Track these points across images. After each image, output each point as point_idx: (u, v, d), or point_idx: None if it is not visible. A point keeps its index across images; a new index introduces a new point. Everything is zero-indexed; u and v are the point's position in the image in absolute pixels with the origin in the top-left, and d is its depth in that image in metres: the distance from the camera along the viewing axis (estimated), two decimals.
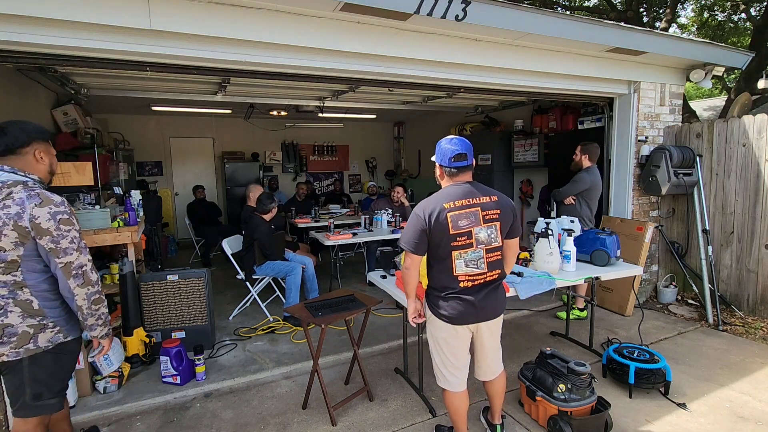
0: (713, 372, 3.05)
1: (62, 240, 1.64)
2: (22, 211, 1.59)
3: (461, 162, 1.99)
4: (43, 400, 1.74)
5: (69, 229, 1.66)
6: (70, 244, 1.66)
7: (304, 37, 2.75)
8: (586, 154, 3.97)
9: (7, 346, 1.65)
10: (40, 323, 1.70)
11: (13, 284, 1.65)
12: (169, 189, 8.27)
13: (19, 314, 1.66)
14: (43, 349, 1.71)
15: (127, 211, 3.29)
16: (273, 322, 4.07)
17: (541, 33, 3.17)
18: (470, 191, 1.97)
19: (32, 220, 1.59)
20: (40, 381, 1.73)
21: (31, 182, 1.68)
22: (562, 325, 3.81)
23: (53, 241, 1.63)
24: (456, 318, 2.00)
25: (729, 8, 9.80)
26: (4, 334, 1.64)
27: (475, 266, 1.96)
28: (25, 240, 1.61)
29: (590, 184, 3.91)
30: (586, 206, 3.96)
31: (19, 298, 1.66)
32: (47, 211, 1.62)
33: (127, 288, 3.11)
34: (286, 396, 2.84)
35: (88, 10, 2.22)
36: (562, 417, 2.30)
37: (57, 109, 4.45)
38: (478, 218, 1.94)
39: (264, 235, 4.17)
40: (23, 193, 1.61)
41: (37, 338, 1.69)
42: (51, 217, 1.62)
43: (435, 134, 8.42)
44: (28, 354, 1.68)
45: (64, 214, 1.66)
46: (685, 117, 6.43)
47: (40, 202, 1.61)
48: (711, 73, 4.31)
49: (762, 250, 3.90)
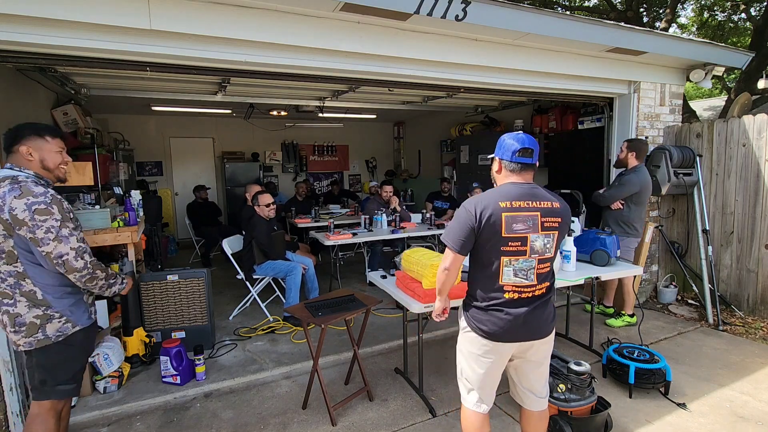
0: (713, 372, 3.05)
1: (37, 230, 1.67)
2: (2, 204, 1.65)
3: (526, 158, 1.76)
4: (48, 387, 1.82)
5: (45, 219, 1.68)
6: (45, 234, 1.68)
7: (304, 37, 2.75)
8: (634, 151, 3.67)
9: (20, 335, 1.75)
10: (45, 313, 1.76)
11: (17, 275, 1.72)
12: (169, 189, 8.26)
13: (25, 304, 1.74)
14: (53, 340, 1.78)
15: (127, 211, 3.28)
16: (273, 322, 4.06)
17: (541, 33, 3.17)
18: (531, 193, 1.75)
19: (11, 211, 1.65)
20: (44, 368, 1.81)
21: (22, 176, 1.73)
22: (562, 325, 3.81)
23: (30, 231, 1.67)
24: (499, 334, 1.76)
25: (729, 8, 9.81)
26: (15, 323, 1.74)
27: (524, 277, 1.73)
28: (10, 232, 1.68)
29: (640, 186, 3.60)
30: (636, 209, 3.67)
31: (24, 289, 1.74)
32: (24, 202, 1.66)
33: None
34: (286, 396, 2.84)
35: (89, 10, 2.22)
36: (562, 417, 2.30)
37: (57, 109, 4.45)
38: (537, 224, 1.71)
39: (263, 235, 4.17)
40: (7, 187, 1.67)
41: (46, 328, 1.77)
42: (27, 207, 1.66)
43: (435, 134, 8.47)
44: (39, 345, 1.77)
45: (41, 204, 1.68)
46: (685, 117, 6.43)
47: (19, 194, 1.66)
48: (711, 73, 4.31)
49: (762, 250, 3.89)
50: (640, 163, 3.71)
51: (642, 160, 3.74)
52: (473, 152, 6.80)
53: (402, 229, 5.00)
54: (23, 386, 2.46)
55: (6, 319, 1.75)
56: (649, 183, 3.72)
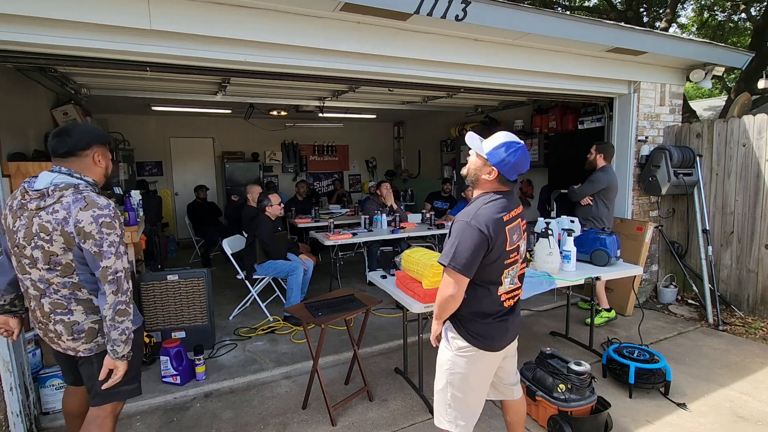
0: (713, 372, 3.05)
1: (104, 243, 1.61)
2: (68, 216, 1.59)
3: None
4: (113, 389, 1.78)
5: (110, 233, 1.63)
6: (109, 247, 1.62)
7: (304, 37, 2.75)
8: (602, 153, 3.94)
9: (79, 342, 1.72)
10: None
11: (72, 285, 1.68)
12: (169, 189, 8.27)
13: (82, 312, 1.70)
14: None
15: (127, 211, 3.29)
16: (273, 322, 4.06)
17: (541, 33, 3.17)
18: (515, 200, 1.75)
19: (77, 224, 1.59)
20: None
21: (83, 185, 1.67)
22: (562, 325, 3.81)
23: (96, 245, 1.60)
24: (503, 342, 1.76)
25: (729, 8, 9.81)
26: (73, 331, 1.70)
27: (512, 282, 1.76)
28: (71, 246, 1.61)
29: (607, 183, 3.86)
30: (603, 206, 3.90)
31: (80, 297, 1.70)
32: (90, 214, 1.60)
33: None
34: (286, 396, 2.84)
35: (89, 10, 2.22)
36: (562, 417, 2.30)
37: (57, 109, 4.44)
38: (521, 230, 1.74)
39: (266, 234, 4.18)
40: (71, 197, 1.61)
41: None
42: (94, 220, 1.60)
43: (435, 134, 8.47)
44: (100, 350, 1.74)
45: (107, 217, 1.62)
46: (685, 117, 6.43)
47: (85, 206, 1.60)
48: (711, 73, 4.31)
49: (762, 250, 3.89)
50: (607, 164, 3.96)
51: (609, 161, 4.00)
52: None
53: (402, 229, 5.00)
54: (23, 386, 2.46)
55: (61, 328, 1.70)
56: (616, 182, 3.96)
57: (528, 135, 6.03)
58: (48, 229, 1.59)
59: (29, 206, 1.61)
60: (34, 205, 1.60)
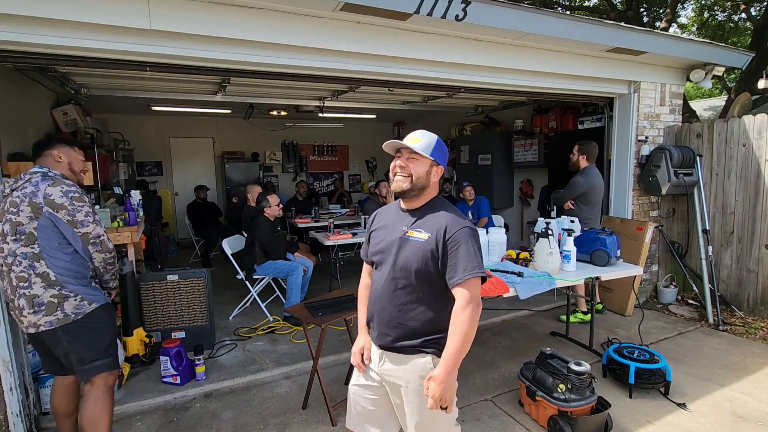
0: (713, 372, 3.05)
1: (77, 213, 1.92)
2: (36, 191, 1.87)
3: None
4: (87, 364, 1.94)
5: (82, 205, 1.94)
6: (85, 216, 1.94)
7: (304, 37, 2.75)
8: (584, 154, 3.89)
9: (39, 315, 1.87)
10: (61, 293, 1.90)
11: (32, 256, 1.87)
12: (169, 189, 8.26)
13: (41, 285, 1.88)
14: (72, 318, 1.89)
15: (127, 211, 3.29)
16: (273, 322, 4.06)
17: (541, 33, 3.17)
18: None
19: (46, 197, 1.87)
20: (76, 346, 1.92)
21: (52, 173, 1.97)
22: (562, 325, 3.81)
23: (69, 214, 1.90)
24: None
25: (729, 8, 9.81)
26: (34, 304, 1.87)
27: None
28: (38, 214, 1.87)
29: (585, 187, 3.81)
30: (587, 209, 3.87)
31: (38, 271, 1.88)
32: (59, 189, 1.90)
33: (126, 288, 3.10)
34: (286, 396, 2.84)
35: (89, 10, 2.22)
36: (562, 417, 2.30)
37: (57, 109, 4.44)
38: None
39: (265, 235, 4.18)
40: (39, 177, 1.92)
41: (64, 307, 1.90)
42: (63, 194, 1.90)
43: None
44: (60, 324, 1.87)
45: (75, 193, 1.93)
46: (685, 117, 6.43)
47: (52, 183, 1.90)
48: (711, 73, 4.31)
49: (762, 250, 3.89)
50: (590, 165, 3.90)
51: (592, 162, 3.92)
52: (473, 152, 6.80)
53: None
54: (23, 386, 2.46)
55: (23, 302, 1.86)
56: (596, 184, 3.87)
57: (528, 135, 6.03)
58: (16, 203, 1.87)
59: (6, 191, 1.95)
60: (8, 189, 1.93)
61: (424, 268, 1.47)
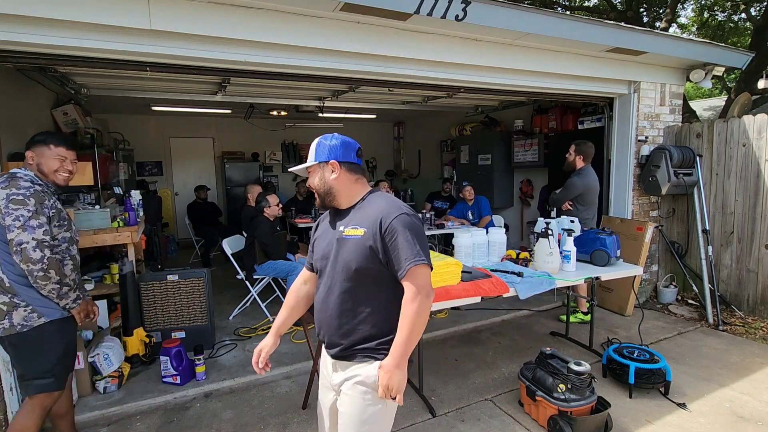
0: (713, 372, 3.05)
1: (7, 217, 1.76)
2: None
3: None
4: (26, 381, 1.85)
5: (17, 208, 1.77)
6: (13, 221, 1.76)
7: (304, 37, 2.75)
8: (581, 154, 3.87)
9: None
10: (12, 301, 1.82)
11: None
12: (169, 189, 8.27)
13: None
14: (17, 329, 1.80)
15: (127, 211, 3.29)
16: (273, 322, 4.06)
17: (541, 33, 3.17)
18: None
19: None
20: (18, 360, 1.86)
21: (21, 173, 1.88)
22: (562, 325, 3.81)
23: (2, 218, 1.77)
24: None
25: (729, 8, 9.81)
26: None
27: None
28: None
29: (582, 188, 3.80)
30: (584, 209, 3.87)
31: None
32: (6, 192, 1.78)
33: (127, 288, 3.11)
34: (286, 396, 2.84)
35: (89, 10, 2.22)
36: (562, 417, 2.30)
37: (57, 109, 4.44)
38: None
39: (265, 234, 4.18)
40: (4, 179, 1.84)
41: (12, 316, 1.81)
42: (5, 197, 1.78)
43: (435, 134, 8.47)
44: (6, 334, 1.80)
45: (18, 195, 1.78)
46: (685, 117, 6.43)
47: (5, 186, 1.80)
48: (711, 73, 4.31)
49: (762, 250, 3.89)
50: (586, 165, 3.88)
51: (588, 162, 3.90)
52: (473, 152, 6.80)
53: None
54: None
55: None
56: (593, 184, 3.87)
57: (528, 135, 6.03)
58: None
59: None
60: None
61: (365, 266, 1.40)
